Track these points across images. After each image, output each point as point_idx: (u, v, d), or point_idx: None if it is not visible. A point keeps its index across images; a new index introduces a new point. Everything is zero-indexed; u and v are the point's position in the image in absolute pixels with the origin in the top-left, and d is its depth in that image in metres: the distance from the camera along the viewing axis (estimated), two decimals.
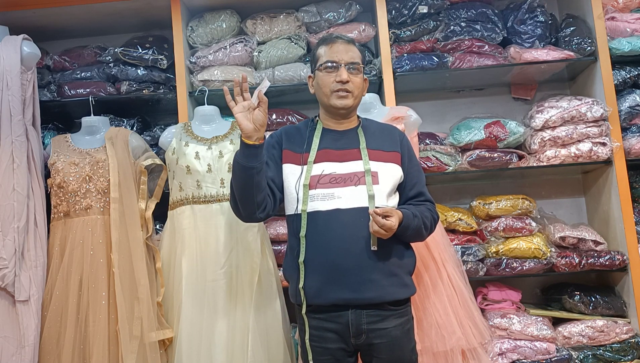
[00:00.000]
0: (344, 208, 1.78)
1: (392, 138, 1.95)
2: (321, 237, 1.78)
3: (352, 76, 1.87)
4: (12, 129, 2.32)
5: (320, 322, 1.81)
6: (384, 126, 2.01)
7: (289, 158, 1.90)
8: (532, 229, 2.67)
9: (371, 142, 1.90)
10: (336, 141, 1.90)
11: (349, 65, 1.87)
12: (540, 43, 2.79)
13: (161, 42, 2.86)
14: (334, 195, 1.80)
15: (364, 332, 1.78)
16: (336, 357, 1.81)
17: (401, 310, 1.83)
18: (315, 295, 1.79)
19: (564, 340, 2.57)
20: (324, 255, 1.78)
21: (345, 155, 1.87)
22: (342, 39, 1.92)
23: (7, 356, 2.21)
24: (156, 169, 2.55)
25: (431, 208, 1.92)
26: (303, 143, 1.91)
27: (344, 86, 1.86)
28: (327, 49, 1.90)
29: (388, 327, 1.79)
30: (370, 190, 1.79)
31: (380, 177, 1.84)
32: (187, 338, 2.23)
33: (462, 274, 2.37)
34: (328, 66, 1.87)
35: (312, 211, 1.81)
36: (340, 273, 1.76)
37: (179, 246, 2.34)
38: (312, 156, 1.87)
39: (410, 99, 2.99)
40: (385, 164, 1.87)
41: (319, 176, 1.83)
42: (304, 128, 1.96)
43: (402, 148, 1.94)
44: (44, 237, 2.38)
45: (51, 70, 2.93)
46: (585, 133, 2.67)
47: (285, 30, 2.84)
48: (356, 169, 1.83)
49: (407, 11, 2.78)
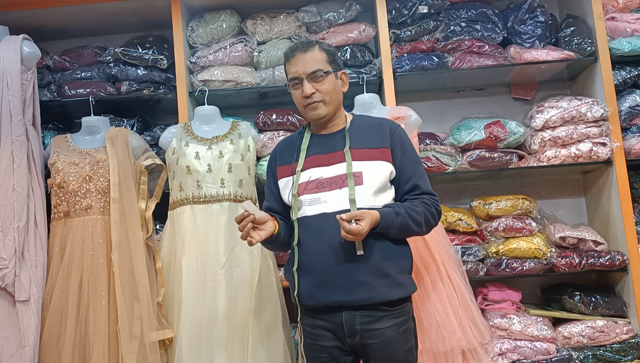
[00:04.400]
0: (329, 211, 1.79)
1: (381, 133, 1.90)
2: (311, 241, 1.81)
3: (317, 85, 1.85)
4: (12, 129, 2.32)
5: (316, 320, 1.83)
6: (375, 122, 1.97)
7: (282, 173, 1.94)
8: (532, 229, 2.67)
9: (357, 141, 1.88)
10: (323, 146, 1.91)
11: (309, 76, 1.85)
12: (541, 43, 2.78)
13: (161, 42, 2.86)
14: (320, 200, 1.82)
15: (358, 332, 1.78)
16: (332, 355, 1.82)
17: (397, 310, 1.81)
18: (308, 297, 1.82)
19: (564, 340, 2.57)
20: (314, 258, 1.80)
21: (331, 159, 1.87)
22: (300, 49, 1.88)
23: (7, 356, 2.21)
24: (156, 169, 2.55)
25: (428, 201, 1.86)
26: (294, 153, 1.94)
27: (311, 98, 1.85)
28: (288, 65, 1.89)
29: (381, 328, 1.78)
30: (352, 194, 1.79)
31: (365, 177, 1.82)
32: (187, 338, 2.23)
33: (462, 274, 2.37)
34: (293, 83, 1.88)
35: (302, 217, 1.84)
36: (331, 276, 1.78)
37: (179, 246, 2.34)
38: (300, 164, 1.89)
39: (410, 99, 2.99)
40: (371, 163, 1.85)
41: (306, 182, 1.86)
42: (296, 138, 1.99)
43: (392, 142, 1.89)
44: (44, 237, 2.38)
45: (51, 70, 2.93)
46: (585, 133, 2.67)
47: (286, 31, 2.84)
48: (341, 172, 1.84)
49: (407, 11, 2.78)
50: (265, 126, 2.77)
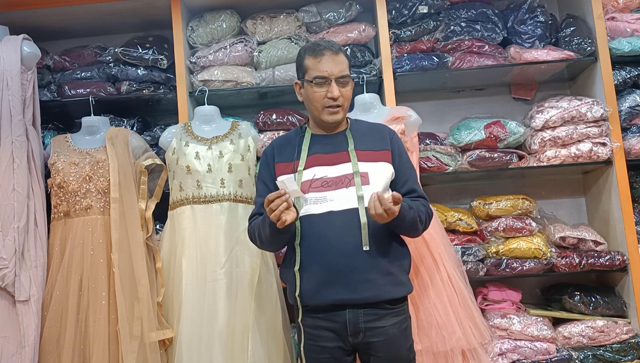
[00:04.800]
0: (336, 210, 1.81)
1: (381, 136, 1.95)
2: (316, 240, 1.81)
3: (342, 90, 1.87)
4: (12, 129, 2.32)
5: (318, 320, 1.82)
6: (373, 126, 2.02)
7: (281, 170, 1.93)
8: (532, 229, 2.67)
9: (360, 143, 1.91)
10: (326, 146, 1.92)
11: (339, 79, 1.86)
12: (541, 43, 2.78)
13: (161, 42, 2.86)
14: (326, 198, 1.83)
15: (362, 330, 1.79)
16: (334, 356, 1.82)
17: (398, 308, 1.84)
18: (312, 297, 1.81)
19: (564, 341, 2.57)
20: (319, 257, 1.80)
21: (335, 158, 1.89)
22: (330, 50, 1.87)
23: (7, 356, 2.21)
24: (156, 169, 2.55)
25: (425, 204, 1.92)
26: (294, 151, 1.93)
27: (336, 101, 1.86)
28: (315, 62, 1.86)
29: (385, 326, 1.80)
30: (360, 191, 1.81)
31: (371, 177, 1.85)
32: (187, 338, 2.23)
33: (462, 274, 2.37)
34: (318, 82, 1.85)
35: (306, 215, 1.84)
36: (336, 274, 1.78)
37: (179, 247, 2.34)
38: (302, 163, 1.89)
39: (410, 99, 2.99)
40: (375, 164, 1.88)
41: (310, 180, 1.86)
42: (294, 137, 1.99)
43: (392, 145, 1.94)
44: (44, 237, 2.38)
45: (51, 70, 2.93)
46: (585, 133, 2.67)
47: (286, 30, 2.84)
48: (347, 172, 1.86)
49: (407, 11, 2.78)
50: (265, 126, 2.77)
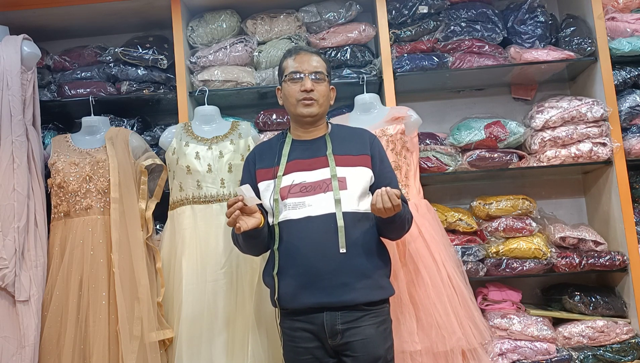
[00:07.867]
0: (314, 215, 1.84)
1: (361, 141, 1.99)
2: (294, 245, 1.84)
3: (316, 85, 1.94)
4: (12, 129, 2.32)
5: (295, 322, 1.86)
6: (354, 131, 2.06)
7: (262, 176, 1.97)
8: (533, 229, 2.67)
9: (339, 148, 1.95)
10: (305, 151, 1.95)
11: (312, 74, 1.93)
12: (541, 43, 2.79)
13: (161, 42, 2.86)
14: (304, 203, 1.86)
15: (339, 332, 1.81)
16: (315, 356, 1.84)
17: (376, 310, 1.85)
18: (290, 300, 1.85)
19: (564, 341, 2.57)
20: (297, 261, 1.83)
21: (314, 163, 1.92)
22: (307, 50, 2.00)
23: (7, 356, 2.21)
24: (156, 169, 2.55)
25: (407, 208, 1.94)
26: (274, 157, 1.97)
27: (309, 94, 1.92)
28: (291, 60, 1.97)
29: (362, 325, 1.82)
30: (337, 195, 1.84)
31: (349, 182, 1.88)
32: (187, 338, 2.23)
33: (462, 274, 2.37)
34: (293, 77, 1.94)
35: (285, 221, 1.87)
36: (314, 278, 1.81)
37: (179, 247, 2.34)
38: (282, 169, 1.93)
39: (411, 99, 2.99)
40: (354, 169, 1.91)
41: (289, 186, 1.89)
42: (275, 142, 2.03)
43: (372, 150, 1.97)
44: (44, 237, 2.38)
45: (51, 70, 2.93)
46: (585, 133, 2.67)
47: (286, 31, 2.84)
48: (324, 176, 1.88)
49: (407, 11, 2.79)
50: (266, 126, 2.77)
